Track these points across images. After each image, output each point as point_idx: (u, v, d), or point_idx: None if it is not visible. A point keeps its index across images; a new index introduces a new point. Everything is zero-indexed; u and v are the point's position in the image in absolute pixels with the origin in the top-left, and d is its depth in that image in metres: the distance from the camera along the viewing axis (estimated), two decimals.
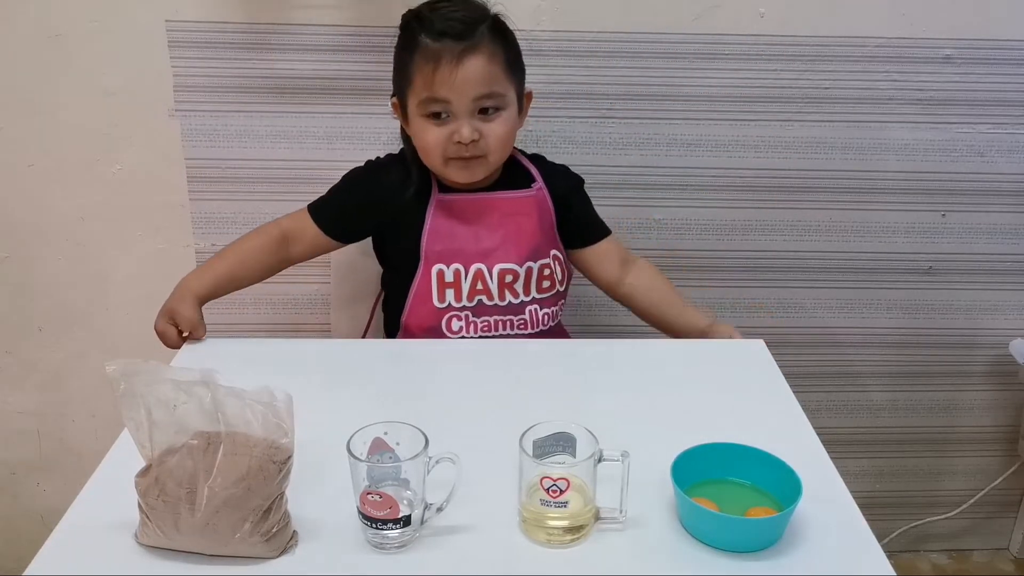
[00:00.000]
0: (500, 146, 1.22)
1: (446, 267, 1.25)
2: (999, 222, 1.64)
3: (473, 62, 1.16)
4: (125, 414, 0.80)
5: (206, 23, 1.44)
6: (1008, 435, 1.81)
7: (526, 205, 1.29)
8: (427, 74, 1.17)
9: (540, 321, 1.30)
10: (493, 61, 1.18)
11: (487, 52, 1.17)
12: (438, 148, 1.20)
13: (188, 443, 0.79)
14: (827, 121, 1.55)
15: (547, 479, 0.82)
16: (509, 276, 1.26)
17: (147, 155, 1.53)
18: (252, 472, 0.78)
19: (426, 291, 1.26)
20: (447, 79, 1.16)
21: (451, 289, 1.26)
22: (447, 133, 1.19)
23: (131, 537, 0.83)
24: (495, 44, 1.18)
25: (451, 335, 1.27)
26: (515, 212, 1.28)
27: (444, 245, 1.26)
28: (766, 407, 1.09)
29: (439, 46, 1.16)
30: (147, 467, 0.81)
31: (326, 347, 1.28)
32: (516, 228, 1.27)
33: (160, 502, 0.79)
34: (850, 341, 1.72)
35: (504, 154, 1.25)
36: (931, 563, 1.90)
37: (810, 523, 0.86)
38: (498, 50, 1.19)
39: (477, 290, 1.26)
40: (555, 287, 1.31)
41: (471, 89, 1.17)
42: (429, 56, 1.16)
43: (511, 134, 1.24)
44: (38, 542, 0.84)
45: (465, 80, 1.16)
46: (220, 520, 0.78)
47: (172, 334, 1.19)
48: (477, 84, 1.17)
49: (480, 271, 1.26)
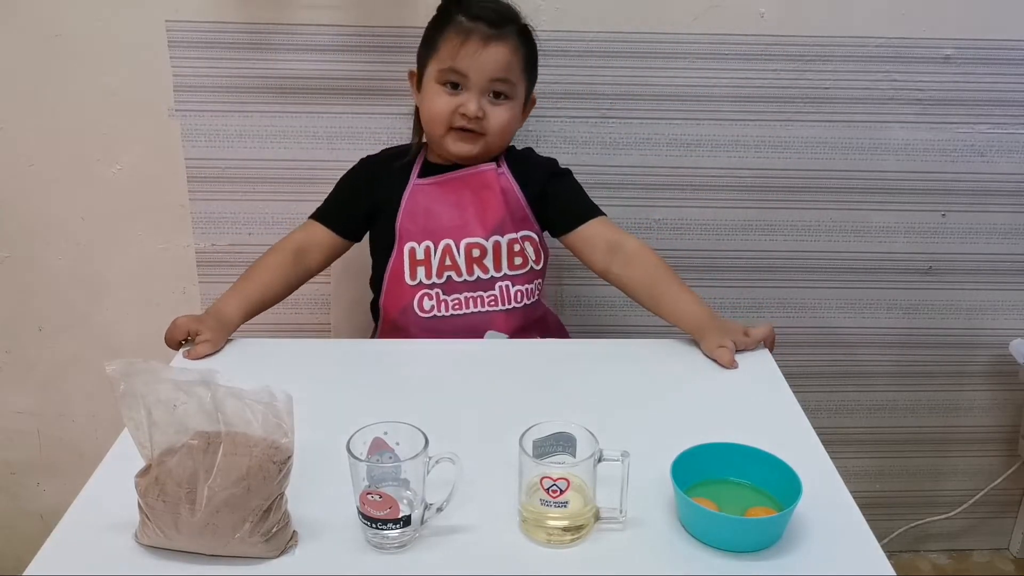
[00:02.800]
0: (499, 130, 1.28)
1: (417, 244, 1.30)
2: (999, 222, 1.64)
3: (498, 47, 1.25)
4: (125, 414, 0.80)
5: (206, 23, 1.44)
6: (1008, 435, 1.81)
7: (489, 178, 1.32)
8: (455, 46, 1.24)
9: (512, 298, 1.31)
10: (515, 54, 1.27)
11: (512, 45, 1.26)
12: (444, 115, 1.27)
13: (188, 443, 0.79)
14: (827, 121, 1.55)
15: (547, 479, 0.82)
16: (476, 250, 1.29)
17: (147, 155, 1.53)
18: (252, 472, 0.78)
19: (399, 270, 1.30)
20: (471, 54, 1.24)
21: (422, 267, 1.29)
22: (456, 104, 1.26)
23: (131, 537, 0.83)
24: (520, 42, 1.28)
25: (423, 314, 1.29)
26: (480, 187, 1.32)
27: (417, 223, 1.30)
28: (766, 407, 1.09)
29: (472, 25, 1.24)
30: (147, 467, 0.81)
31: (326, 347, 1.28)
32: (481, 203, 1.31)
33: (160, 502, 0.79)
34: (850, 341, 1.72)
35: (502, 141, 1.31)
36: (931, 563, 1.90)
37: (810, 523, 0.86)
38: (521, 48, 1.28)
39: (446, 266, 1.29)
40: (527, 264, 1.32)
41: (490, 70, 1.25)
42: (461, 31, 1.25)
43: (511, 125, 1.30)
44: (38, 542, 0.84)
45: (487, 61, 1.24)
46: (220, 520, 0.78)
47: (180, 332, 1.19)
48: (496, 68, 1.25)
49: (448, 246, 1.29)
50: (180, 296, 1.62)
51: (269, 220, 1.57)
